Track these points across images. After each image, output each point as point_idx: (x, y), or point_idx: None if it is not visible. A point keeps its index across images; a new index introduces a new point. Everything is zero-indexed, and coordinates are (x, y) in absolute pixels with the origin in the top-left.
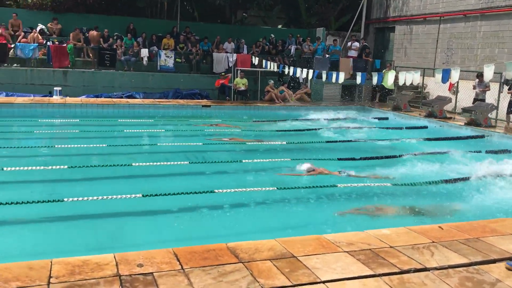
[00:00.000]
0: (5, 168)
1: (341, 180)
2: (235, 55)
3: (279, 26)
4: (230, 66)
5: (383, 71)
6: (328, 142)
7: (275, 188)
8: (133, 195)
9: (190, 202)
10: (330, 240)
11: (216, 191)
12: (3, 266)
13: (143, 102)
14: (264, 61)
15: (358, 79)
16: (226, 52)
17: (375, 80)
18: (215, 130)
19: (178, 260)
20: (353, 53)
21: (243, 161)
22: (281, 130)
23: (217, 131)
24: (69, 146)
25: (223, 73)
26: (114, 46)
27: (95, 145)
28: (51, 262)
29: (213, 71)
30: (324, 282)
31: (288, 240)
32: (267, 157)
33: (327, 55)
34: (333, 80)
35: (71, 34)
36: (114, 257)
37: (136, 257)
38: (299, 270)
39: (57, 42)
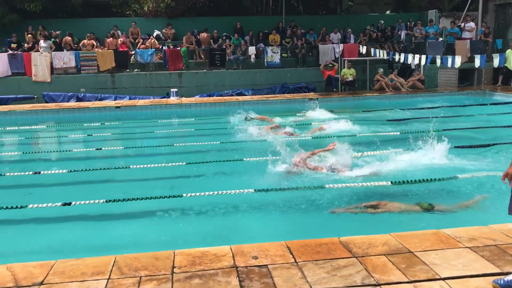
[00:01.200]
0: (131, 166)
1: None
2: (341, 45)
3: (387, 12)
4: (336, 57)
5: (507, 51)
6: (445, 130)
7: (389, 183)
8: (245, 190)
9: (299, 197)
10: (449, 235)
11: (327, 186)
12: (133, 255)
13: (252, 99)
14: (372, 49)
15: (477, 62)
16: (332, 43)
17: (496, 62)
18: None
19: (291, 253)
20: (468, 35)
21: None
22: (392, 120)
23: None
24: (186, 144)
25: (330, 64)
26: (224, 46)
27: (209, 142)
28: (174, 253)
29: (319, 64)
30: (444, 279)
31: (404, 235)
32: (378, 148)
33: (441, 39)
34: (449, 64)
35: (183, 38)
36: (231, 249)
37: (251, 249)
38: (416, 266)
39: (171, 46)
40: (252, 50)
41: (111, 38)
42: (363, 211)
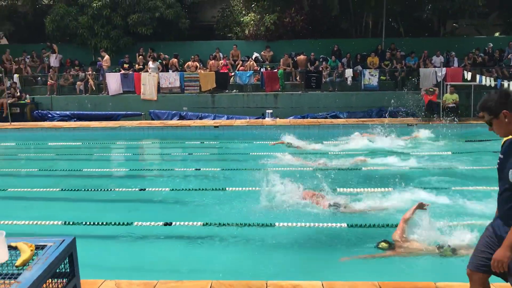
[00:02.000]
0: (228, 188)
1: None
2: (444, 69)
3: (496, 34)
4: (438, 81)
5: None
6: None
7: None
8: (338, 224)
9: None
10: None
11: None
12: (228, 282)
13: (347, 122)
14: (478, 75)
15: None
16: (434, 67)
17: None
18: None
19: None
20: None
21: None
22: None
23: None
24: (279, 169)
25: (431, 89)
26: (320, 69)
27: (301, 169)
28: (266, 283)
29: (419, 88)
30: None
31: None
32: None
33: None
34: None
35: (281, 60)
36: (322, 284)
37: (342, 286)
38: None
39: (269, 68)
40: (349, 72)
41: (213, 60)
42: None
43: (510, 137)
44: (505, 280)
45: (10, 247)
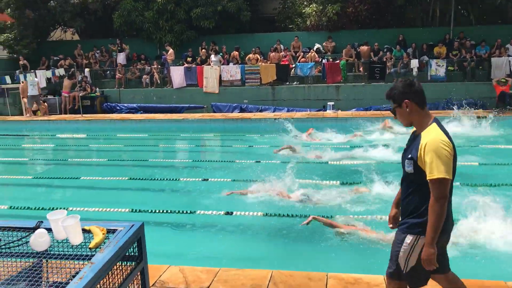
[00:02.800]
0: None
1: None
2: None
3: None
4: None
5: None
6: None
7: None
8: None
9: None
10: None
11: None
12: (288, 273)
13: None
14: None
15: None
16: (508, 56)
17: None
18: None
19: None
20: None
21: None
22: None
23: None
24: (339, 162)
25: (503, 79)
26: (384, 59)
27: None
28: (327, 275)
29: (490, 78)
30: None
31: None
32: None
33: None
34: None
35: (343, 51)
36: (384, 279)
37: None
38: None
39: (331, 59)
40: (414, 63)
41: (274, 52)
42: None
43: (414, 129)
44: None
45: (84, 231)
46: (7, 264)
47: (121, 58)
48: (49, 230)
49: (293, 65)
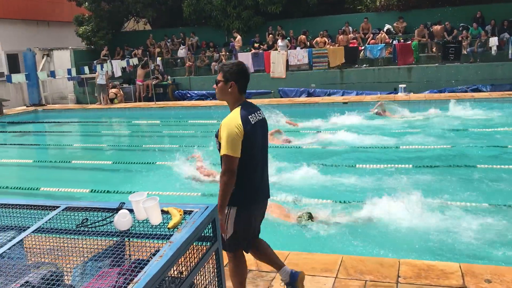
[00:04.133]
0: (358, 165)
1: None
2: None
3: None
4: None
5: None
6: None
7: None
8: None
9: None
10: None
11: None
12: (358, 258)
13: (490, 96)
14: None
15: None
16: None
17: None
18: None
19: None
20: None
21: None
22: None
23: None
24: (412, 146)
25: None
26: (459, 38)
27: (441, 146)
28: (399, 262)
29: None
30: None
31: None
32: None
33: None
34: None
35: (415, 31)
36: (460, 267)
37: (484, 271)
38: None
39: (402, 40)
40: (494, 41)
41: (342, 35)
42: None
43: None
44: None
45: (163, 211)
46: (93, 242)
47: (182, 52)
48: (131, 211)
49: (362, 47)
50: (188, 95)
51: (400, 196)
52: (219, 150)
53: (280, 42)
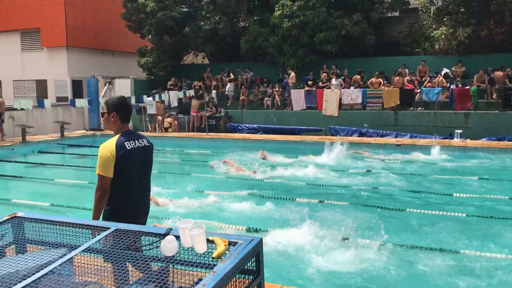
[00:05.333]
0: (407, 209)
1: None
2: None
3: None
4: None
5: None
6: None
7: None
8: None
9: None
10: None
11: None
12: None
13: None
14: None
15: None
16: None
17: None
18: None
19: None
20: None
21: None
22: None
23: None
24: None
25: None
26: None
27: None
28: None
29: None
30: None
31: None
32: None
33: None
34: None
35: (475, 76)
36: None
37: None
38: None
39: (460, 85)
40: None
41: (398, 77)
42: None
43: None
44: None
45: (208, 240)
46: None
47: (230, 86)
48: (177, 237)
49: (419, 90)
50: (240, 127)
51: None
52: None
53: (334, 81)
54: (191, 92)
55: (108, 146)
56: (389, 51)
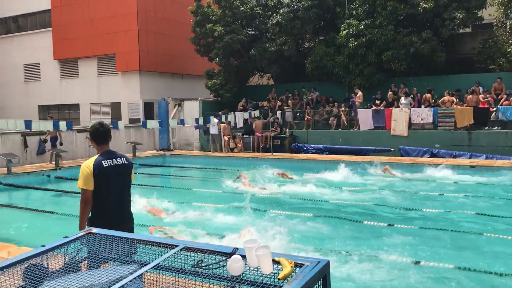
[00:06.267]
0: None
1: None
2: None
3: None
4: None
5: None
6: None
7: None
8: None
9: None
10: None
11: None
12: None
13: None
14: None
15: None
16: None
17: None
18: None
19: None
20: None
21: None
22: None
23: None
24: None
25: None
26: None
27: None
28: None
29: None
30: None
31: None
32: None
33: None
34: None
35: None
36: None
37: None
38: None
39: None
40: None
41: (471, 95)
42: None
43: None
44: None
45: (274, 261)
46: (204, 285)
47: (288, 115)
48: (243, 257)
49: (494, 109)
50: (305, 148)
51: None
52: None
53: (403, 100)
54: (256, 113)
55: (87, 164)
56: (461, 69)
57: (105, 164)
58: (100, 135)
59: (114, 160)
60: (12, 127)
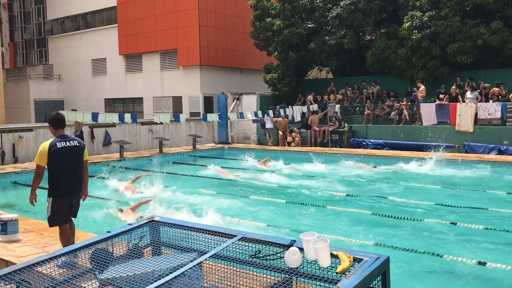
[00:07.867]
0: None
1: None
2: None
3: None
4: None
5: None
6: None
7: None
8: None
9: None
10: None
11: None
12: None
13: None
14: None
15: None
16: None
17: None
18: None
19: None
20: None
21: None
22: None
23: None
24: None
25: None
26: None
27: None
28: None
29: None
30: None
31: None
32: None
33: None
34: None
35: None
36: None
37: None
38: None
39: None
40: None
41: None
42: None
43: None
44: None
45: (332, 255)
46: (261, 276)
47: (335, 108)
48: (301, 249)
49: None
50: (364, 143)
51: None
52: None
53: (469, 94)
54: (314, 107)
55: (45, 144)
56: None
57: (59, 145)
58: (57, 121)
59: (67, 142)
60: (80, 119)
